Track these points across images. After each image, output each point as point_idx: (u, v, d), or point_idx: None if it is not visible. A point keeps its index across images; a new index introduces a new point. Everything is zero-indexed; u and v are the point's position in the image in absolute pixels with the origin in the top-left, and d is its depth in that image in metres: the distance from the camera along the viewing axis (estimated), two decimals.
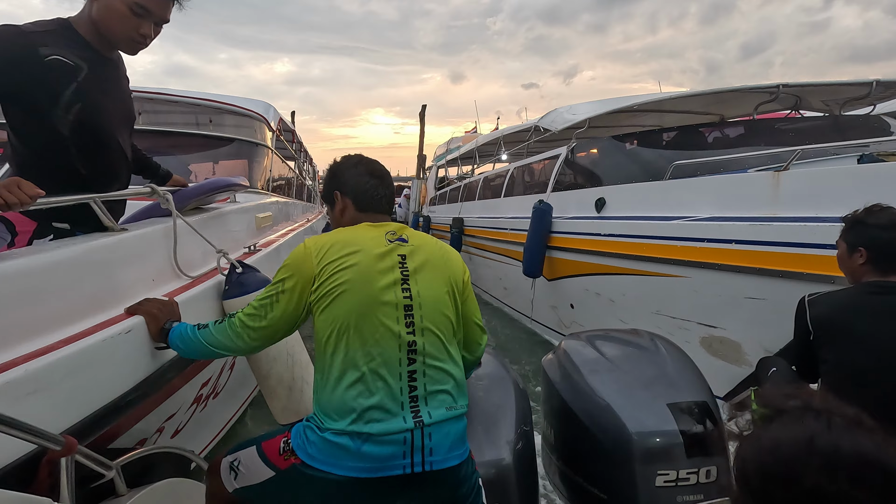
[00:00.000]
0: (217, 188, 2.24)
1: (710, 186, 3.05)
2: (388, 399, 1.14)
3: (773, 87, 3.78)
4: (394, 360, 1.18)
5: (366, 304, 1.19)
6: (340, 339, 1.18)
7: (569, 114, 4.76)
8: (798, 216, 2.46)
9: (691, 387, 1.64)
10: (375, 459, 1.11)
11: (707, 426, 1.50)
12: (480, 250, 6.87)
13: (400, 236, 1.32)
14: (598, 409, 1.59)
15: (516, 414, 1.63)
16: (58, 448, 0.94)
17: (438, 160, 13.14)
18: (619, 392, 1.61)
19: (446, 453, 1.16)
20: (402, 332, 1.20)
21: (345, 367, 1.17)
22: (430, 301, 1.26)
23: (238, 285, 1.84)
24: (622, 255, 3.59)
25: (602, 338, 1.98)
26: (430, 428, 1.14)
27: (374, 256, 1.24)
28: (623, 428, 1.49)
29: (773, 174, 2.60)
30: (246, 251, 2.59)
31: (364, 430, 1.11)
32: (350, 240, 1.28)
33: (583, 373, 1.73)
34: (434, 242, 1.40)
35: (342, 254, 1.24)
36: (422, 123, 13.59)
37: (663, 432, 1.47)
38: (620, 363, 1.77)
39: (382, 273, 1.23)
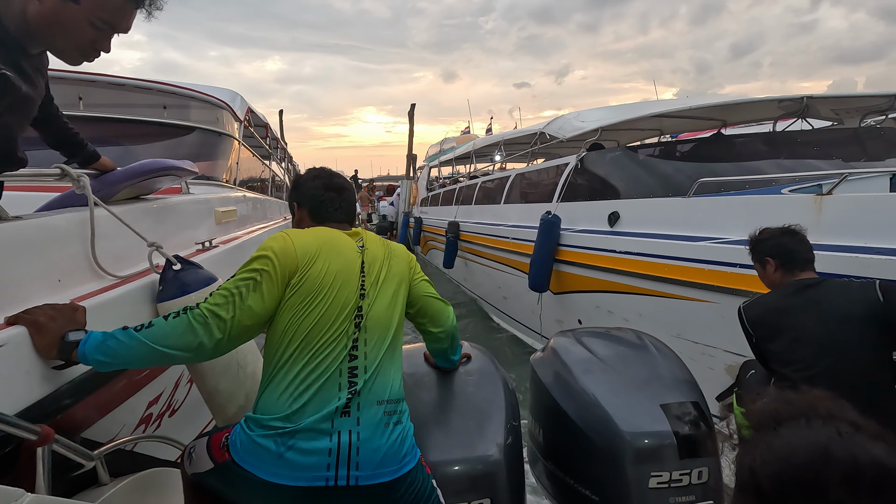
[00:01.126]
0: (152, 171, 1.85)
1: (740, 206, 2.87)
2: (319, 407, 1.13)
3: (798, 99, 3.62)
4: (334, 368, 1.17)
5: (327, 311, 1.20)
6: (290, 341, 1.18)
7: (577, 121, 4.56)
8: (844, 245, 2.29)
9: (683, 387, 1.63)
10: (297, 468, 1.09)
11: (700, 427, 1.49)
12: (478, 257, 6.66)
13: (362, 244, 1.36)
14: (590, 408, 1.58)
15: (505, 410, 1.61)
16: (33, 438, 0.93)
17: (431, 160, 12.87)
18: (612, 392, 1.60)
19: (374, 469, 1.12)
20: (350, 334, 1.21)
21: (285, 369, 1.17)
22: (378, 309, 1.28)
23: (175, 285, 1.55)
24: (640, 275, 3.40)
25: (592, 335, 1.96)
26: (359, 442, 1.12)
27: (340, 265, 1.27)
28: (615, 428, 1.48)
29: (816, 198, 2.43)
30: (199, 248, 2.27)
31: (288, 434, 1.10)
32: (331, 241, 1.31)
33: (574, 372, 1.72)
34: (381, 243, 1.41)
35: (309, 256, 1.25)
36: (411, 123, 13.30)
37: (656, 433, 1.46)
38: (612, 362, 1.75)
39: (345, 276, 1.26)
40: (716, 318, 2.88)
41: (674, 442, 1.44)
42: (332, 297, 1.22)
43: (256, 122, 5.39)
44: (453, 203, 8.36)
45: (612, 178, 4.04)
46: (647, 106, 5.22)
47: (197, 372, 1.60)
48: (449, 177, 11.13)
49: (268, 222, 4.57)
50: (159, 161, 1.89)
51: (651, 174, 3.80)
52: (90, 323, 1.17)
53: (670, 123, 5.66)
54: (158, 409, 1.81)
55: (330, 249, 1.28)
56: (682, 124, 5.84)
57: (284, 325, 1.19)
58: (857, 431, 0.57)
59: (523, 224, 5.17)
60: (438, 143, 14.73)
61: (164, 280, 1.56)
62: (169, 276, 1.56)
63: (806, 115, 4.80)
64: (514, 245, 5.29)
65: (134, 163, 1.82)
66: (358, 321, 1.23)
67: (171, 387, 1.87)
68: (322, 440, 1.10)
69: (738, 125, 5.78)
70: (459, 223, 7.28)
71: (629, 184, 3.87)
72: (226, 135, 3.90)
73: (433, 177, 11.67)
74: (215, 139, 3.81)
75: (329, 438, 1.11)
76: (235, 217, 3.25)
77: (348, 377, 1.17)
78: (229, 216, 3.09)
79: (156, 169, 1.87)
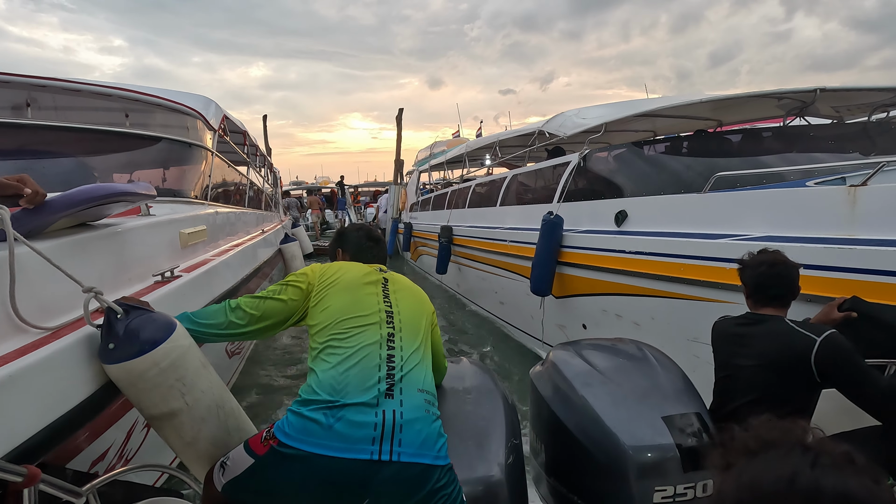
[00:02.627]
0: (92, 200, 1.54)
1: (762, 201, 2.70)
2: (363, 383, 1.24)
3: (810, 91, 3.50)
4: (374, 349, 1.32)
5: (351, 302, 1.45)
6: (329, 327, 1.38)
7: (578, 118, 4.39)
8: (883, 239, 2.13)
9: (684, 398, 1.62)
10: (344, 439, 1.16)
11: (703, 438, 1.48)
12: (472, 261, 6.45)
13: (382, 269, 1.66)
14: (591, 422, 1.56)
15: (506, 428, 1.59)
16: (19, 479, 0.94)
17: (421, 164, 12.65)
18: (613, 405, 1.59)
19: (417, 449, 1.19)
20: (383, 328, 1.39)
21: (326, 352, 1.32)
22: (408, 312, 1.49)
23: (127, 342, 1.27)
24: (652, 276, 3.22)
25: (590, 347, 1.95)
26: (402, 420, 1.21)
27: (360, 275, 1.57)
28: (617, 442, 1.46)
29: (849, 189, 2.27)
30: (158, 280, 1.98)
31: (337, 408, 1.19)
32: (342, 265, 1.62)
33: (574, 385, 1.70)
34: (409, 282, 1.68)
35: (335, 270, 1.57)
36: (399, 128, 13.10)
37: (659, 446, 1.44)
38: (612, 375, 1.74)
39: (367, 284, 1.53)
40: None
41: (677, 455, 1.42)
42: (361, 297, 1.47)
43: (233, 129, 5.09)
44: (445, 207, 8.15)
45: (617, 177, 3.88)
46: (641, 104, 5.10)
47: (169, 428, 1.37)
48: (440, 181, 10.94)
49: (244, 237, 4.26)
50: (104, 187, 1.59)
51: (660, 171, 3.64)
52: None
53: (664, 124, 5.54)
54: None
55: (352, 268, 1.60)
56: (676, 125, 5.73)
57: (320, 319, 1.42)
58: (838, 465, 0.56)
59: (522, 226, 4.99)
60: (428, 147, 14.52)
61: (111, 334, 1.28)
62: (117, 330, 1.28)
63: (806, 113, 4.71)
64: (512, 248, 5.10)
65: (74, 188, 1.48)
66: (389, 317, 1.43)
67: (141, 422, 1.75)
68: (369, 414, 1.19)
69: (733, 125, 5.68)
70: (453, 227, 7.07)
71: (636, 182, 3.71)
72: (196, 145, 3.57)
73: (423, 181, 11.45)
74: (184, 150, 3.47)
75: (375, 414, 1.19)
76: (205, 237, 2.94)
77: (387, 362, 1.31)
78: (197, 237, 2.78)
79: (98, 197, 1.56)
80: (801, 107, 4.45)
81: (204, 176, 3.66)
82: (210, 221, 3.19)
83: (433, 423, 1.27)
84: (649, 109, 3.86)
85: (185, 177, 3.47)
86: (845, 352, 1.56)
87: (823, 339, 1.57)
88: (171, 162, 3.49)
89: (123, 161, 3.25)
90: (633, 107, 4.16)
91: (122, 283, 1.82)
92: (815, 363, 1.56)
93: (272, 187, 8.58)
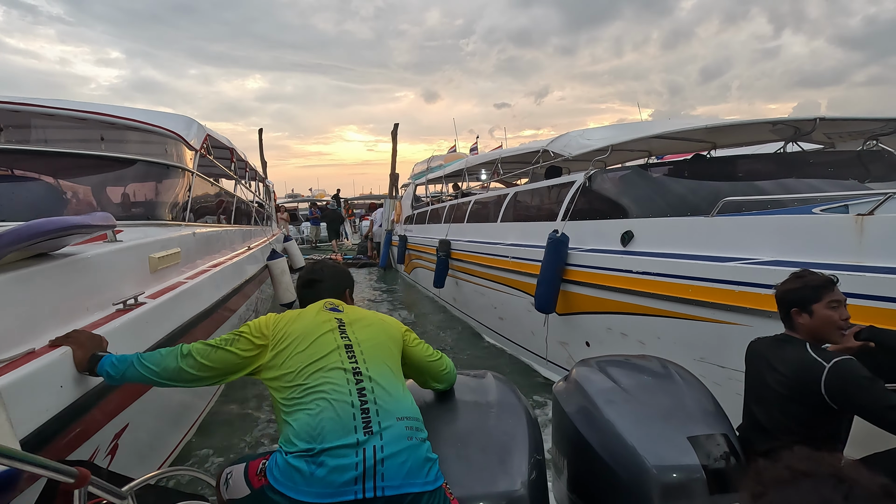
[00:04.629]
0: (39, 235, 1.48)
1: (769, 226, 2.79)
2: (341, 423, 1.24)
3: (810, 121, 3.64)
4: (342, 388, 1.31)
5: (309, 348, 1.42)
6: (293, 378, 1.37)
7: (583, 139, 4.49)
8: (889, 266, 2.22)
9: (710, 418, 1.59)
10: (327, 484, 1.17)
11: (729, 461, 1.44)
12: (471, 276, 6.48)
13: (334, 307, 1.63)
14: (615, 440, 1.53)
15: (529, 443, 1.57)
16: (71, 480, 0.98)
17: (417, 178, 12.71)
18: (636, 423, 1.56)
19: (402, 480, 1.20)
20: (346, 364, 1.38)
21: (300, 397, 1.32)
22: (368, 342, 1.48)
23: None
24: (659, 296, 3.29)
25: (614, 364, 1.92)
26: (384, 454, 1.20)
27: (312, 318, 1.54)
28: (641, 461, 1.43)
29: (857, 218, 2.36)
30: (119, 308, 1.95)
31: (317, 454, 1.19)
32: (293, 315, 1.58)
33: (597, 402, 1.68)
34: (369, 312, 1.68)
35: (286, 321, 1.53)
36: (394, 142, 13.19)
37: (684, 467, 1.41)
38: (636, 392, 1.71)
39: (321, 324, 1.51)
40: (747, 342, 2.78)
41: (703, 476, 1.39)
42: (314, 340, 1.44)
43: (218, 145, 5.07)
44: (443, 221, 8.19)
45: (623, 198, 3.96)
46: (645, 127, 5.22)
47: None
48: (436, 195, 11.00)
49: (228, 254, 4.25)
50: (54, 221, 1.53)
51: (665, 193, 3.73)
52: None
53: (659, 144, 5.68)
54: None
55: (305, 314, 1.58)
56: (671, 146, 5.86)
57: (280, 373, 1.40)
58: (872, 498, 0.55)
59: (524, 243, 5.04)
60: (425, 160, 14.61)
61: None
62: None
63: (800, 139, 4.87)
64: (514, 264, 5.15)
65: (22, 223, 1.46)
66: (350, 351, 1.43)
67: None
68: (349, 456, 1.19)
69: (726, 147, 5.84)
70: (451, 241, 7.11)
71: (642, 203, 3.79)
72: (174, 166, 3.56)
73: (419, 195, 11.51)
74: (161, 171, 3.46)
75: (355, 453, 1.19)
76: (178, 260, 2.93)
77: (359, 397, 1.30)
78: (169, 261, 2.77)
79: (46, 231, 1.49)
80: (797, 133, 4.61)
81: (182, 196, 3.64)
82: (186, 243, 3.17)
83: (418, 449, 1.26)
84: (653, 133, 3.97)
85: (161, 199, 3.45)
86: (855, 378, 1.55)
87: (832, 365, 1.56)
88: (148, 184, 3.47)
89: (97, 184, 3.22)
90: (635, 129, 4.27)
91: (80, 312, 1.80)
92: (824, 390, 1.56)
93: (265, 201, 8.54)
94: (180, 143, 3.68)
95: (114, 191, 3.40)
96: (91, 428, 1.64)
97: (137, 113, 3.52)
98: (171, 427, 2.94)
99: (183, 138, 3.68)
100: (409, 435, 1.26)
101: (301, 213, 20.13)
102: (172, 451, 2.92)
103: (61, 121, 3.22)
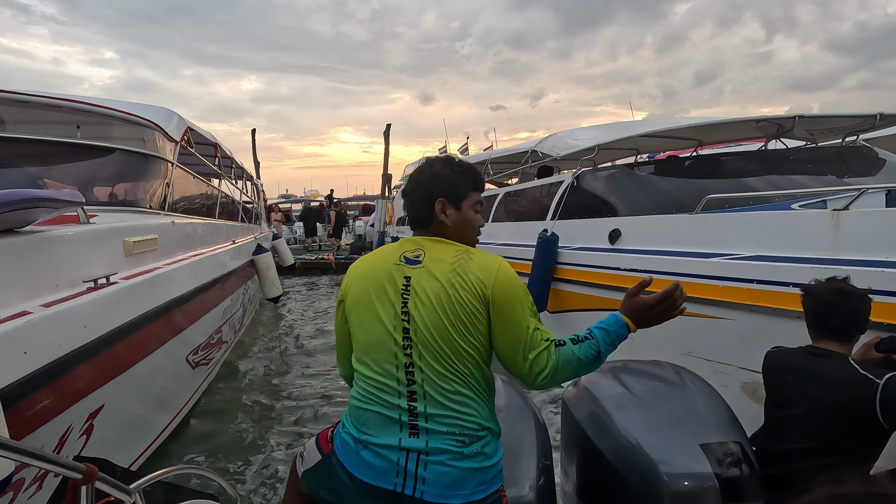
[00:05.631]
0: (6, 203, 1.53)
1: (751, 222, 2.87)
2: (385, 424, 1.18)
3: (790, 118, 3.73)
4: (392, 380, 1.20)
5: (368, 324, 1.25)
6: (356, 352, 1.29)
7: (571, 139, 4.56)
8: (864, 259, 2.30)
9: (724, 426, 1.54)
10: (371, 468, 1.16)
11: (743, 469, 1.40)
12: None
13: (415, 257, 1.27)
14: (626, 447, 1.50)
15: (537, 448, 1.55)
16: (78, 476, 0.99)
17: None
18: (648, 430, 1.52)
19: (442, 490, 1.13)
20: (399, 354, 1.20)
21: (356, 378, 1.27)
22: (428, 324, 1.19)
23: None
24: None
25: (625, 370, 1.88)
26: (426, 458, 1.14)
27: (377, 278, 1.27)
28: (653, 469, 1.40)
29: (833, 213, 2.44)
30: (89, 287, 2.00)
31: (362, 438, 1.19)
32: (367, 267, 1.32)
33: (607, 408, 1.65)
34: (450, 261, 1.24)
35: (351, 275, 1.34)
36: (386, 143, 13.24)
37: (697, 475, 1.37)
38: (647, 398, 1.67)
39: (384, 297, 1.24)
40: (732, 335, 2.86)
41: (716, 485, 1.35)
42: (370, 317, 1.24)
43: (201, 141, 5.12)
44: None
45: (610, 196, 4.03)
46: (631, 126, 5.30)
47: None
48: None
49: (210, 247, 4.28)
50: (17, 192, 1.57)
51: (651, 191, 3.81)
52: None
53: (647, 143, 5.77)
54: None
55: (372, 269, 1.30)
56: (658, 144, 5.96)
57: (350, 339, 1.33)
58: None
59: (515, 242, 5.11)
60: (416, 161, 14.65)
61: None
62: None
63: (783, 135, 4.97)
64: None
65: None
66: (407, 345, 1.20)
67: None
68: (392, 452, 1.16)
69: (713, 146, 5.94)
70: None
71: (629, 201, 3.87)
72: (153, 156, 3.60)
73: None
74: (140, 161, 3.51)
75: (397, 455, 1.15)
76: (155, 246, 2.98)
77: (408, 399, 1.18)
78: (145, 246, 2.82)
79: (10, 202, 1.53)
80: (779, 130, 4.70)
81: (162, 186, 3.67)
82: (164, 231, 3.20)
83: (463, 460, 1.14)
84: (638, 133, 4.04)
85: (139, 187, 3.50)
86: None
87: (886, 381, 1.44)
88: (126, 172, 3.51)
89: (74, 172, 3.26)
90: (622, 129, 4.35)
91: (48, 288, 1.85)
92: (879, 408, 1.43)
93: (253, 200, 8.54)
94: (159, 134, 3.70)
95: (92, 178, 3.41)
96: (60, 403, 1.65)
97: (116, 104, 3.54)
98: (154, 414, 2.94)
99: (162, 129, 3.69)
100: (456, 448, 1.15)
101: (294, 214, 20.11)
102: (156, 438, 2.92)
103: (36, 109, 3.23)
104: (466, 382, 1.19)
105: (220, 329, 4.36)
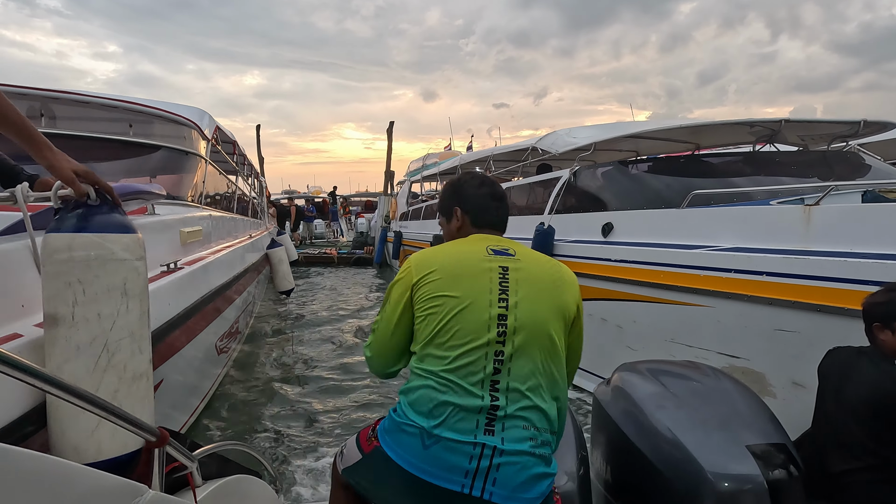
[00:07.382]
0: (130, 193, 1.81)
1: (732, 217, 3.07)
2: (464, 407, 1.12)
3: (776, 122, 3.92)
4: (478, 369, 1.14)
5: (458, 312, 1.18)
6: (432, 339, 1.19)
7: (569, 137, 4.76)
8: (831, 251, 2.49)
9: (768, 428, 1.50)
10: (438, 465, 1.09)
11: (790, 472, 1.37)
12: None
13: (504, 249, 1.29)
14: (667, 446, 1.45)
15: (575, 439, 1.54)
16: (153, 439, 1.01)
17: (413, 175, 12.95)
18: (691, 429, 1.47)
19: (511, 492, 1.09)
20: (492, 340, 1.15)
21: (427, 365, 1.18)
22: (528, 317, 1.19)
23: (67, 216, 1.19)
24: (635, 282, 3.56)
25: (660, 370, 1.85)
26: (501, 458, 1.09)
27: (473, 270, 1.23)
28: (697, 468, 1.36)
29: (805, 208, 2.64)
30: (164, 269, 2.28)
31: (435, 432, 1.10)
32: (451, 253, 1.30)
33: (645, 407, 1.61)
34: (546, 261, 1.33)
35: (440, 259, 1.27)
36: (389, 140, 13.40)
37: (743, 476, 1.33)
38: (687, 398, 1.62)
39: (479, 284, 1.21)
40: (710, 321, 3.05)
41: (764, 486, 1.31)
42: (459, 303, 1.18)
43: (224, 139, 5.39)
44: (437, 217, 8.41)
45: (604, 192, 4.23)
46: (628, 126, 5.49)
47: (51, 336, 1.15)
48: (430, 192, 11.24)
49: (233, 240, 4.52)
50: (127, 186, 1.87)
51: (643, 188, 4.01)
52: None
53: (647, 146, 5.96)
54: None
55: (464, 251, 1.29)
56: (658, 147, 6.15)
57: (422, 327, 1.22)
58: None
59: (515, 236, 5.28)
60: (421, 158, 14.85)
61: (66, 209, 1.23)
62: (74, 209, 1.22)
63: (776, 141, 5.17)
64: None
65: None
66: (501, 332, 1.16)
67: None
68: (466, 446, 1.09)
69: (710, 148, 6.13)
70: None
71: (621, 197, 4.07)
72: (192, 153, 3.89)
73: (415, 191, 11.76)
74: (182, 157, 3.79)
75: (472, 447, 1.09)
76: (201, 237, 3.25)
77: (490, 391, 1.13)
78: (194, 236, 3.09)
79: (125, 193, 1.76)
80: (771, 134, 4.89)
81: (198, 182, 3.95)
82: (205, 223, 3.47)
83: (536, 463, 1.13)
84: (634, 132, 4.24)
85: (182, 182, 3.77)
86: None
87: None
88: (170, 168, 3.78)
89: (127, 167, 3.51)
90: (620, 129, 4.54)
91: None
92: None
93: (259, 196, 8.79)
94: (196, 132, 3.98)
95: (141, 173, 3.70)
96: None
97: (153, 103, 3.79)
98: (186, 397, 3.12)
99: (199, 127, 3.97)
100: (532, 448, 1.13)
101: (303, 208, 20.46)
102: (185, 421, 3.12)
103: (94, 108, 3.48)
104: (551, 380, 1.20)
105: (238, 319, 4.53)
